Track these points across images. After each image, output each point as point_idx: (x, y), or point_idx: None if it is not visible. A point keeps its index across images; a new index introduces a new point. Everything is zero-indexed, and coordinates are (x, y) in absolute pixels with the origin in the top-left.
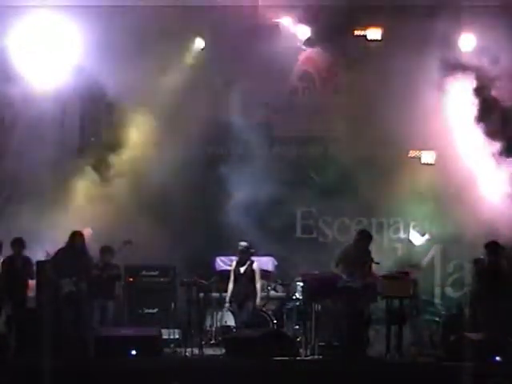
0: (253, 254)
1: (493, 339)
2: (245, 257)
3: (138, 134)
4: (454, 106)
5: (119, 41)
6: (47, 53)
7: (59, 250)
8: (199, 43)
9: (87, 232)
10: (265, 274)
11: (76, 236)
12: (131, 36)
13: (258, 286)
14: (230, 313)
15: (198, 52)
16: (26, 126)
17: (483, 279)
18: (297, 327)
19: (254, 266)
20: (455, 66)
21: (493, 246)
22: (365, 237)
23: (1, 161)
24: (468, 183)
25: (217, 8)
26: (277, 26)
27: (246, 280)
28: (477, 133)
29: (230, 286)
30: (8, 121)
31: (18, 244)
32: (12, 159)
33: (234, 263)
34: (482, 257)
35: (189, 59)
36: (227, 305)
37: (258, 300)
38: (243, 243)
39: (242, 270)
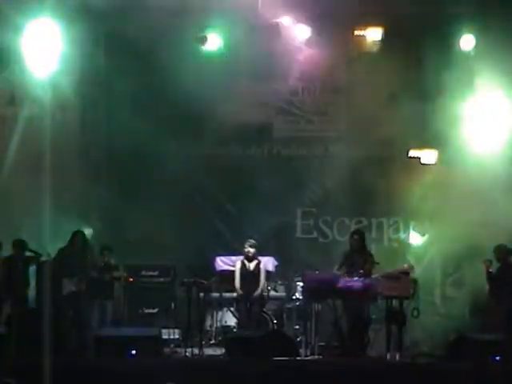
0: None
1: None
2: (253, 254)
3: None
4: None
5: None
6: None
7: (60, 250)
8: None
9: (88, 232)
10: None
11: (77, 236)
12: None
13: (262, 279)
14: (230, 313)
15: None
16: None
17: (493, 282)
18: (297, 327)
19: (262, 265)
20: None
21: (502, 249)
22: (356, 234)
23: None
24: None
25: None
26: (277, 25)
27: (253, 278)
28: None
29: (237, 284)
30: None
31: (19, 246)
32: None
33: (240, 262)
34: (490, 259)
35: None
36: (233, 307)
37: (259, 290)
38: (252, 240)
39: (252, 267)
